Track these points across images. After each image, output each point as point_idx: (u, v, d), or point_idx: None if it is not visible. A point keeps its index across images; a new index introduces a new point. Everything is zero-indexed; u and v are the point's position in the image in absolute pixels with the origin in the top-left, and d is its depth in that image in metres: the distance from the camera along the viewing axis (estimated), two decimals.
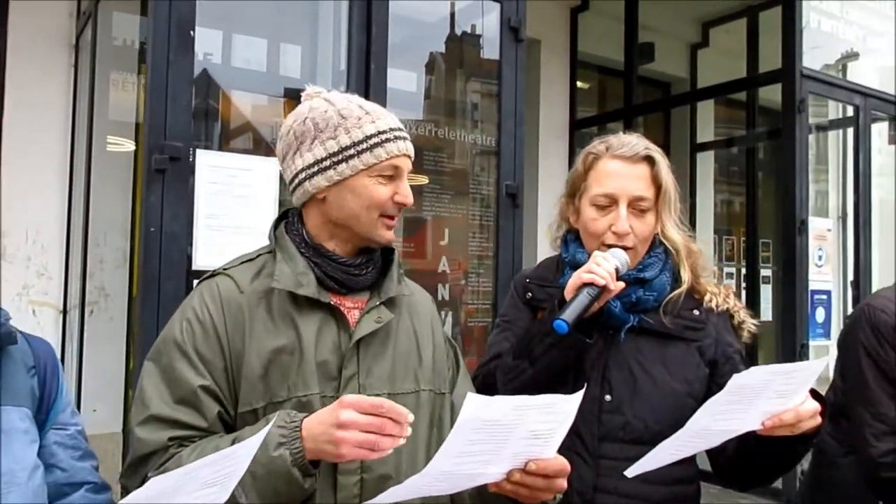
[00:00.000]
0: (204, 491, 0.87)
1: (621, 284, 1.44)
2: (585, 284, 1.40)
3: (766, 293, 5.89)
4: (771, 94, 4.72)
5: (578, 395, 1.04)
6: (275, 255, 1.26)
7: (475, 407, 0.95)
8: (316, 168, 1.24)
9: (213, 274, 1.29)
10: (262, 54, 3.89)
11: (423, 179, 3.39)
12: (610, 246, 1.50)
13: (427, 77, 3.84)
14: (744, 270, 6.15)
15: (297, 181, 1.28)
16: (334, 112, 1.25)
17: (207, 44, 3.57)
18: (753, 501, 4.40)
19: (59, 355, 3.50)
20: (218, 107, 3.53)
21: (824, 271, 4.13)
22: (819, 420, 1.27)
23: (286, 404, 1.16)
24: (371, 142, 1.23)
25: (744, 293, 6.10)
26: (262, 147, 3.73)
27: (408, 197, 1.26)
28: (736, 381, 1.15)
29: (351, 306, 1.27)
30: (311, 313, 1.22)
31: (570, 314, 1.36)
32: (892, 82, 5.13)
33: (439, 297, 3.39)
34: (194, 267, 2.27)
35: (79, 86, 3.53)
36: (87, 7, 3.38)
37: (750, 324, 1.60)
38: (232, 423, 1.19)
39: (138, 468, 1.15)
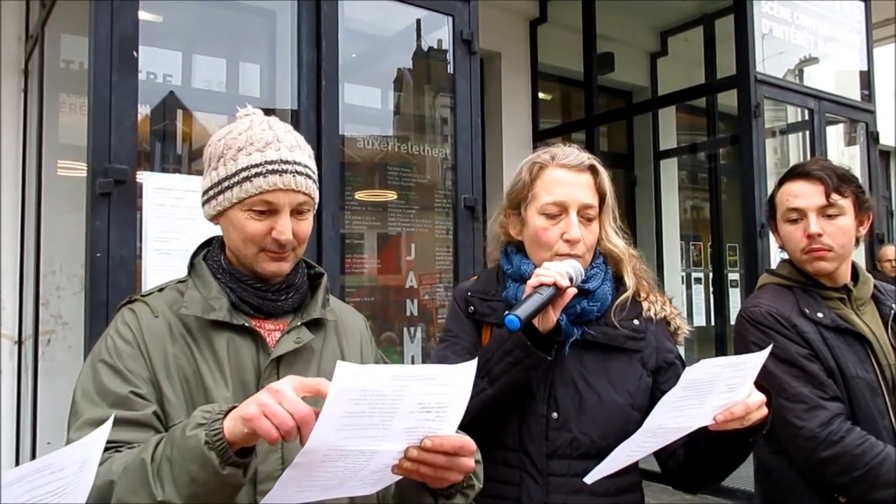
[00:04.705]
0: None
1: (573, 290, 1.42)
2: (536, 288, 1.39)
3: (735, 297, 5.95)
4: (729, 100, 4.79)
5: (470, 365, 1.01)
6: (188, 284, 1.27)
7: (348, 375, 0.91)
8: (205, 196, 1.27)
9: (129, 301, 1.29)
10: (222, 74, 3.87)
11: (391, 195, 3.38)
12: (562, 256, 1.50)
13: (390, 92, 3.83)
14: (711, 275, 6.21)
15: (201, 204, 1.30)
16: (224, 141, 1.25)
17: (167, 65, 3.55)
18: (717, 501, 4.43)
19: (15, 386, 3.44)
20: (177, 128, 3.49)
21: None
22: (766, 411, 1.30)
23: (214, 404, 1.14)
24: (240, 176, 1.20)
25: (712, 297, 6.16)
26: None
27: (282, 234, 1.21)
28: (688, 374, 1.17)
29: (272, 328, 1.27)
30: (227, 335, 1.22)
31: (522, 311, 1.33)
32: (848, 85, 5.25)
33: (408, 313, 3.37)
34: (144, 292, 2.23)
35: (29, 111, 3.47)
36: (34, 30, 3.32)
37: (685, 329, 1.63)
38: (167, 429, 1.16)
39: None
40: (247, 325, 1.23)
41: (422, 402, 0.97)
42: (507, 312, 1.34)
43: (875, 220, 4.85)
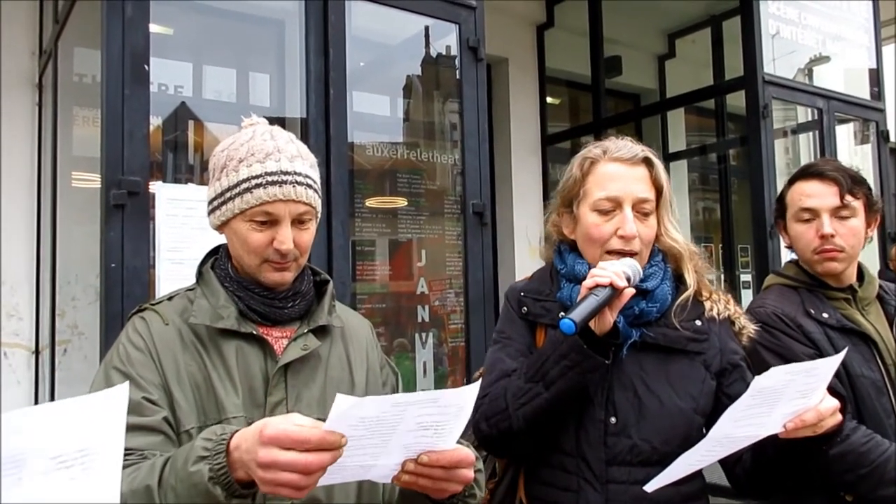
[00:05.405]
0: (57, 474, 0.74)
1: (631, 290, 1.36)
2: (591, 289, 1.33)
3: (748, 298, 5.91)
4: (738, 101, 4.78)
5: (472, 388, 0.99)
6: (196, 292, 1.29)
7: (346, 406, 0.90)
8: (210, 206, 1.30)
9: (139, 309, 1.31)
10: (232, 84, 3.91)
11: (402, 201, 3.40)
12: (617, 253, 1.45)
13: (399, 99, 3.86)
14: (723, 277, 6.18)
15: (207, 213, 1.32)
16: (227, 152, 1.27)
17: (178, 76, 3.59)
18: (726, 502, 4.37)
19: (33, 396, 3.48)
20: (189, 139, 3.53)
21: None
22: (840, 418, 1.26)
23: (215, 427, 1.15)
24: (241, 187, 1.22)
25: None
26: None
27: (283, 244, 1.23)
28: (758, 383, 1.14)
29: (279, 336, 1.29)
30: (235, 343, 1.24)
31: (577, 314, 1.28)
32: (858, 84, 5.22)
33: (419, 319, 3.38)
34: (154, 300, 2.26)
35: (43, 124, 3.52)
36: (48, 45, 3.37)
37: (750, 329, 1.56)
38: (178, 435, 1.19)
39: None
40: (254, 332, 1.25)
41: (421, 422, 0.97)
42: (561, 315, 1.30)
43: (885, 220, 4.81)
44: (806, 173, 1.87)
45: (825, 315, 1.76)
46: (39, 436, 0.74)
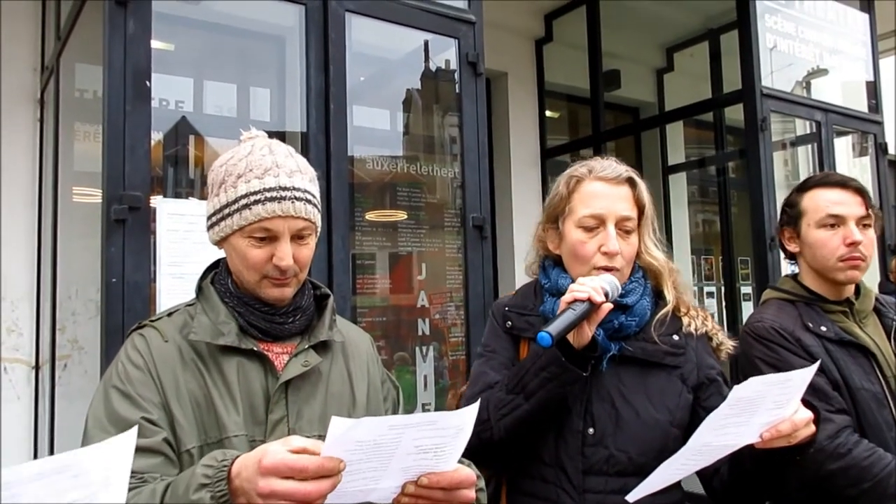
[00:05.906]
0: None
1: (609, 305, 1.40)
2: (570, 304, 1.38)
3: (749, 310, 5.90)
4: (737, 114, 4.80)
5: (471, 409, 1.01)
6: (196, 308, 1.28)
7: (343, 430, 0.90)
8: (209, 222, 1.30)
9: (139, 326, 1.31)
10: (233, 99, 3.92)
11: (402, 215, 3.41)
12: (600, 269, 1.50)
13: (399, 113, 3.87)
14: (723, 289, 6.17)
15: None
16: (225, 168, 1.26)
17: (179, 92, 3.60)
18: None
19: (32, 411, 3.47)
20: (189, 153, 3.54)
21: None
22: (813, 429, 1.29)
23: (216, 446, 1.14)
24: (240, 203, 1.22)
25: (724, 312, 6.12)
26: None
27: (282, 260, 1.22)
28: (736, 392, 1.17)
29: (280, 352, 1.28)
30: (236, 360, 1.23)
31: (554, 327, 1.32)
32: (856, 97, 5.24)
33: (420, 332, 3.38)
34: (154, 316, 2.26)
35: (44, 140, 3.53)
36: (49, 62, 3.40)
37: (728, 345, 1.60)
38: (179, 455, 1.17)
39: None
40: (255, 349, 1.24)
41: (420, 445, 0.97)
42: (541, 329, 1.34)
43: (885, 232, 4.80)
44: (825, 182, 1.88)
45: (823, 328, 1.77)
46: (38, 494, 0.73)
